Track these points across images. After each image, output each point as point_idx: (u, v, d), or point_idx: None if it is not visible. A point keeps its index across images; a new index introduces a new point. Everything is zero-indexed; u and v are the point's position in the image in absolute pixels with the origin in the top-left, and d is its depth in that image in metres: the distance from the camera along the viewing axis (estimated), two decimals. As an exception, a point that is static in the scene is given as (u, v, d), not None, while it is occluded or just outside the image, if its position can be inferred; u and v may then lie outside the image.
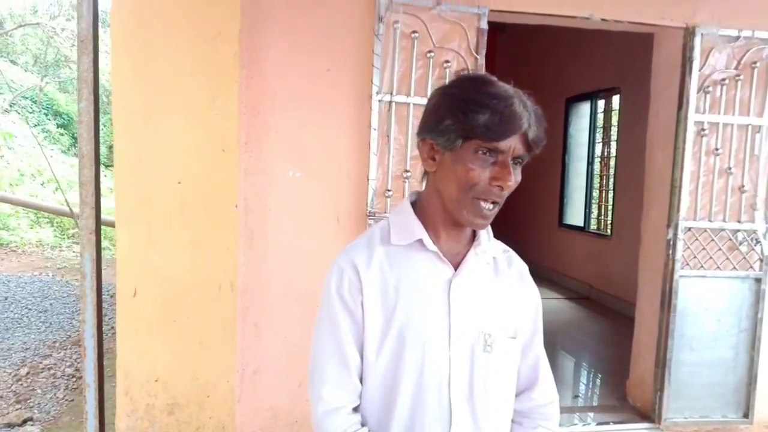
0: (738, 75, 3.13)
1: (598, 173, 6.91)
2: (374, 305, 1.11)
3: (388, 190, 2.81)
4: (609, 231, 6.62)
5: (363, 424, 1.12)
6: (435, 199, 1.13)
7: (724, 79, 3.13)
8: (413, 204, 1.18)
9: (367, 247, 1.15)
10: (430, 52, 2.76)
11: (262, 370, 2.86)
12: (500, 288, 1.18)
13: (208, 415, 2.72)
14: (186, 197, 2.55)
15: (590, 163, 6.79)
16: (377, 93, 2.73)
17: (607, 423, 3.42)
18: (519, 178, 1.06)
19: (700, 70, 3.09)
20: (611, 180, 6.66)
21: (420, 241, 1.13)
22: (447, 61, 2.79)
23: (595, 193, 7.03)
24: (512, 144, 1.03)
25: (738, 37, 3.09)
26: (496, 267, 1.20)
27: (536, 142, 1.05)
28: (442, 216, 1.13)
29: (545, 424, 1.24)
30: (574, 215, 7.29)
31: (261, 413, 2.87)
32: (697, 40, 3.05)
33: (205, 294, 2.63)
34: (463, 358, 1.12)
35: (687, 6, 3.06)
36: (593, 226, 7.07)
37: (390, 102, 2.76)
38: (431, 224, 1.14)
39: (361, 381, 1.14)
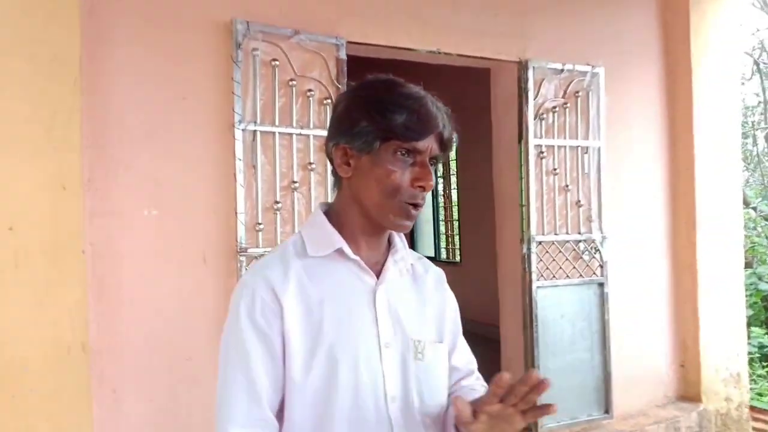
0: (565, 103, 3.53)
1: (443, 206, 7.33)
2: (297, 323, 1.01)
3: (259, 224, 2.66)
4: (458, 258, 7.00)
5: None
6: (352, 206, 1.08)
7: (554, 107, 3.50)
8: (326, 215, 1.12)
9: (281, 261, 1.06)
10: (292, 80, 2.72)
11: (122, 443, 2.48)
12: (421, 294, 1.17)
13: (57, 507, 2.26)
14: (21, 245, 2.16)
15: (435, 197, 7.18)
16: (240, 122, 2.60)
17: (484, 438, 3.49)
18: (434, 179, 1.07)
19: (534, 99, 3.43)
20: (455, 212, 7.09)
21: (339, 250, 1.06)
22: (310, 90, 2.76)
23: (442, 226, 7.43)
24: (429, 144, 1.04)
25: (562, 70, 3.50)
26: (414, 273, 1.19)
27: (450, 142, 1.08)
28: (360, 223, 1.08)
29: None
30: (425, 246, 7.62)
31: (123, 493, 2.47)
32: (530, 73, 3.39)
33: (51, 360, 2.21)
34: (396, 370, 1.06)
35: (519, 42, 3.41)
36: (444, 255, 7.43)
37: (254, 131, 2.64)
38: (349, 233, 1.09)
39: (281, 408, 1.03)
